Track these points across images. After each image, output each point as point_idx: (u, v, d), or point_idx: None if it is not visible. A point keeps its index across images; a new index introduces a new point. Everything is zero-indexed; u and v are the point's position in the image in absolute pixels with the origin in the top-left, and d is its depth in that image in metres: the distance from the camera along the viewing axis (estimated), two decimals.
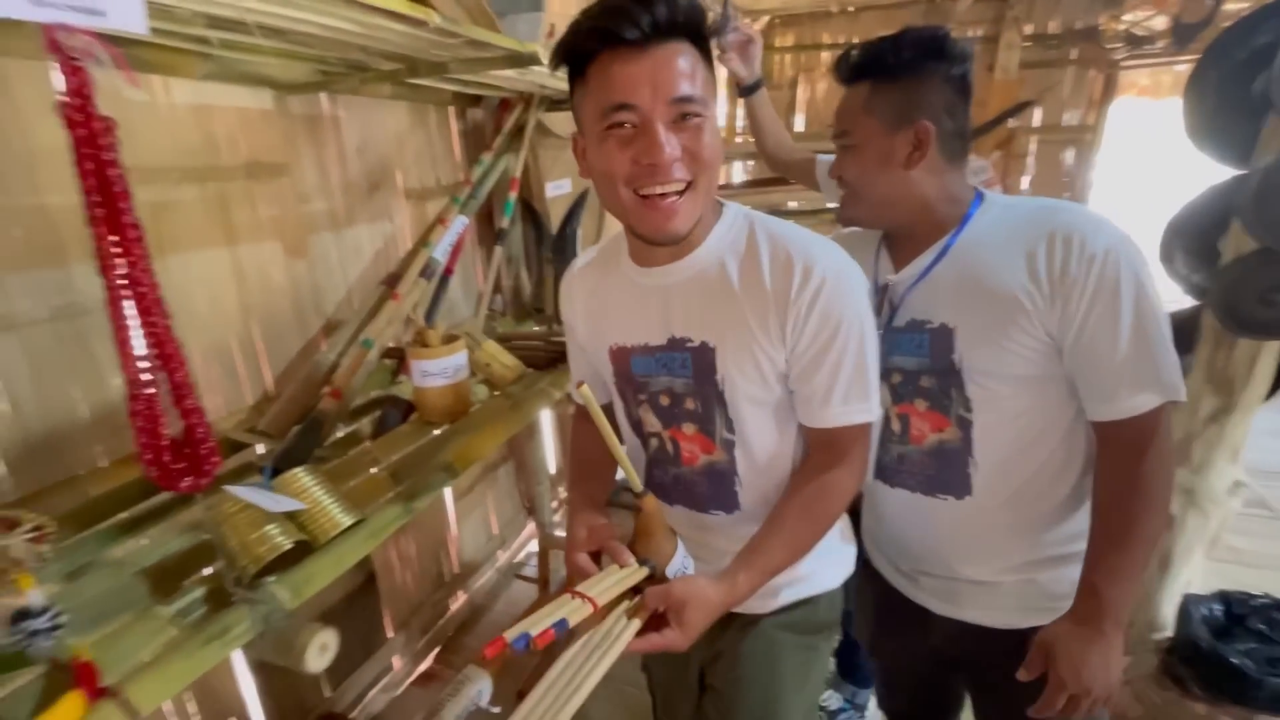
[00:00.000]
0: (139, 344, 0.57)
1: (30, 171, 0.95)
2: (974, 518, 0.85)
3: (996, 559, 0.86)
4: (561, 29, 0.66)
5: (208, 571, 0.75)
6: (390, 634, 1.79)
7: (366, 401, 1.23)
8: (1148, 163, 4.74)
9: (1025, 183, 3.78)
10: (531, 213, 1.88)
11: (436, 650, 1.95)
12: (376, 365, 1.23)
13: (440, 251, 1.24)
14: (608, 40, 0.62)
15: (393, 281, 1.28)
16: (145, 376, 0.57)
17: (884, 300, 0.87)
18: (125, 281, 0.57)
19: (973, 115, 0.86)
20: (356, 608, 1.66)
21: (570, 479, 0.88)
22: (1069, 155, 3.68)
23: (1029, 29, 3.57)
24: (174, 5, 0.67)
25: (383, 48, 1.03)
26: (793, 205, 3.10)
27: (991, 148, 3.54)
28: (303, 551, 0.73)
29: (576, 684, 0.56)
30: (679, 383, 0.77)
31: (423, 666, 1.90)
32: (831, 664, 1.79)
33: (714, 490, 0.81)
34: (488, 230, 1.91)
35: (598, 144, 0.66)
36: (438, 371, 1.10)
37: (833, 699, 1.68)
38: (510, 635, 0.53)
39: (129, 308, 0.58)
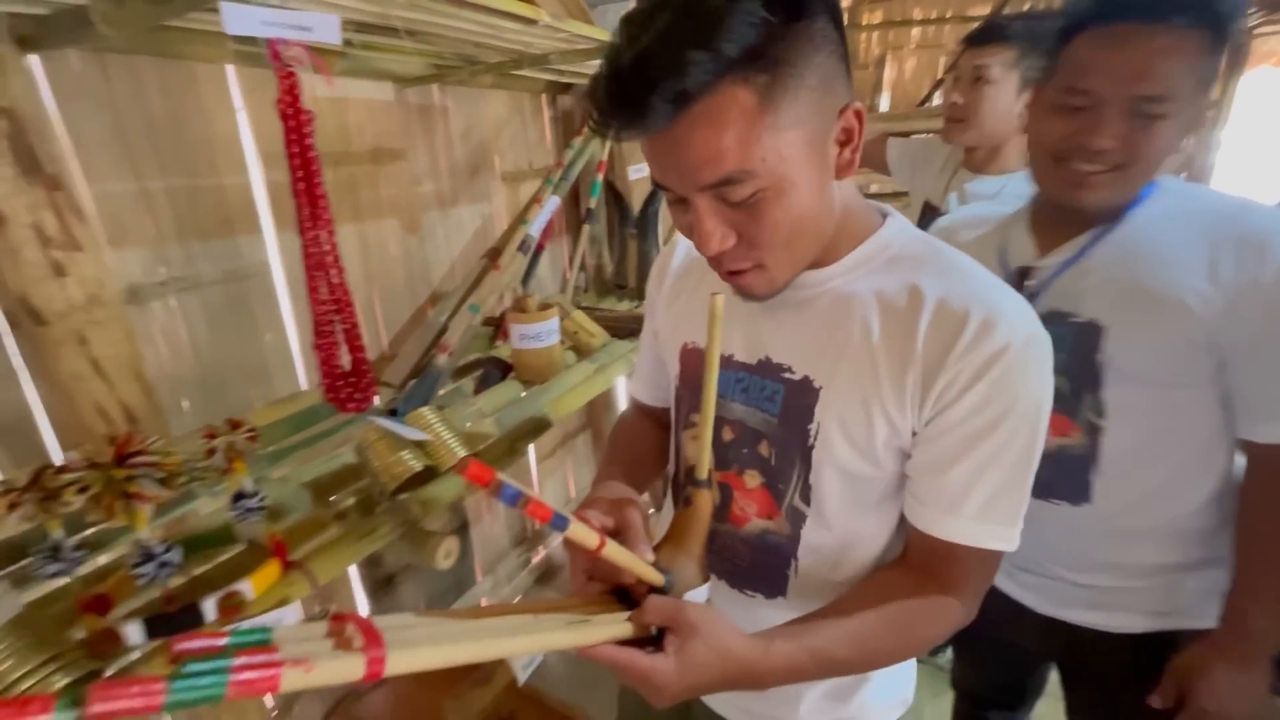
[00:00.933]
0: (324, 292, 0.71)
1: (210, 157, 1.14)
2: (1091, 525, 0.80)
3: (1114, 566, 0.81)
4: None
5: (355, 487, 0.90)
6: (479, 578, 1.98)
7: (469, 361, 1.37)
8: None
9: None
10: (615, 194, 1.99)
11: (518, 599, 2.13)
12: (478, 330, 1.38)
13: (535, 228, 1.37)
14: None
15: (494, 255, 1.42)
16: (327, 319, 0.72)
17: (1020, 286, 0.81)
18: (315, 242, 0.71)
19: None
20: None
21: (606, 460, 0.74)
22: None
23: None
24: (357, 18, 0.80)
25: (493, 43, 1.16)
26: (874, 188, 3.05)
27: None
28: (429, 475, 0.86)
29: (523, 633, 0.42)
30: (758, 417, 0.60)
31: None
32: None
33: (759, 566, 0.64)
34: (573, 211, 2.04)
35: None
36: (534, 335, 1.22)
37: None
38: (506, 480, 0.41)
39: (317, 263, 0.72)
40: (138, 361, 0.96)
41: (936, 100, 3.87)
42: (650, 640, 0.48)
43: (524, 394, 1.22)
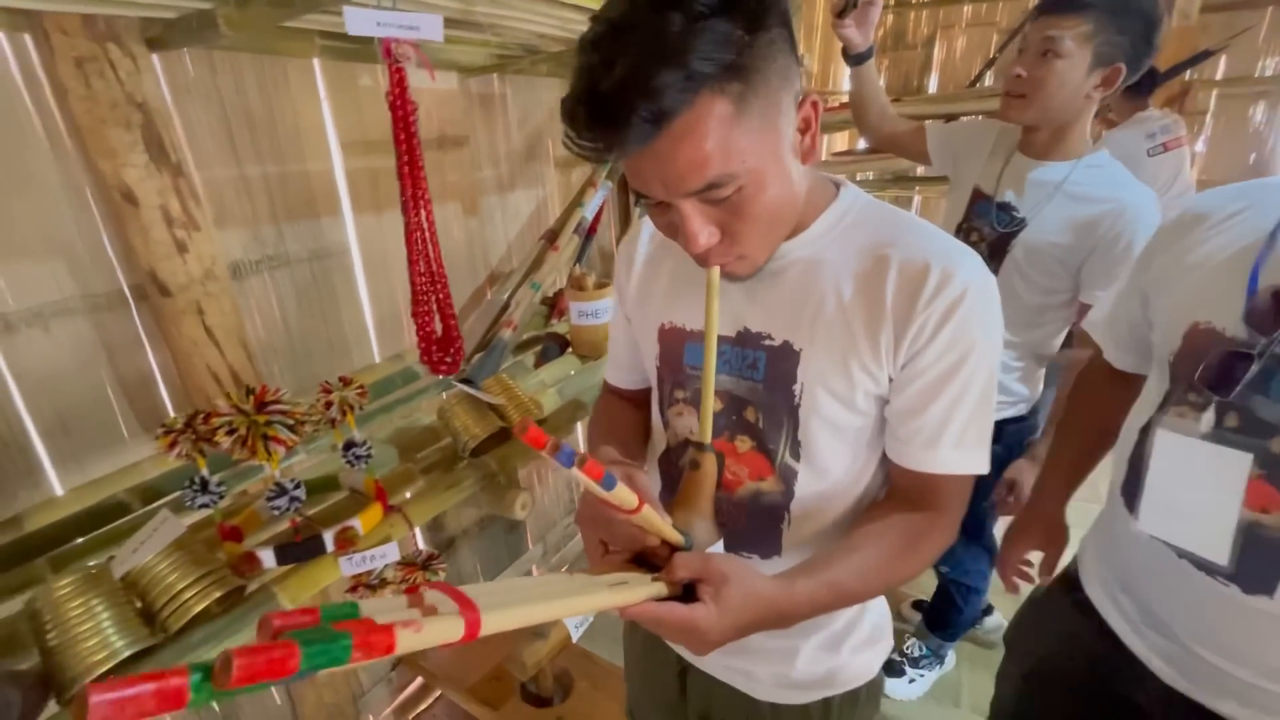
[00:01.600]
0: (422, 266, 0.79)
1: (298, 145, 1.24)
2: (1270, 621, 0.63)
3: None
4: None
5: (436, 446, 0.99)
6: (530, 546, 2.09)
7: (529, 337, 1.46)
8: None
9: (1200, 143, 3.37)
10: None
11: (565, 569, 2.23)
12: (537, 307, 1.46)
13: (590, 210, 1.43)
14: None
15: (551, 237, 1.49)
16: (425, 290, 0.80)
17: None
18: (416, 221, 0.79)
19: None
20: (505, 518, 1.96)
21: (594, 445, 0.74)
22: (1258, 111, 3.23)
23: None
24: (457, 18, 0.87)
25: (556, 33, 1.22)
26: (921, 170, 3.02)
27: (1161, 103, 3.21)
28: (504, 436, 0.94)
29: (579, 595, 0.45)
30: (743, 386, 0.63)
31: None
32: (916, 616, 1.85)
33: (754, 527, 0.67)
34: (620, 196, 2.10)
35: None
36: (591, 312, 1.30)
37: (915, 646, 1.73)
38: (564, 442, 0.43)
39: (419, 239, 0.81)
40: (242, 330, 1.07)
41: (988, 82, 3.78)
42: (679, 597, 0.50)
43: (582, 367, 1.30)
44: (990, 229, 1.23)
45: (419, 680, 1.68)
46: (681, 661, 0.80)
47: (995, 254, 1.21)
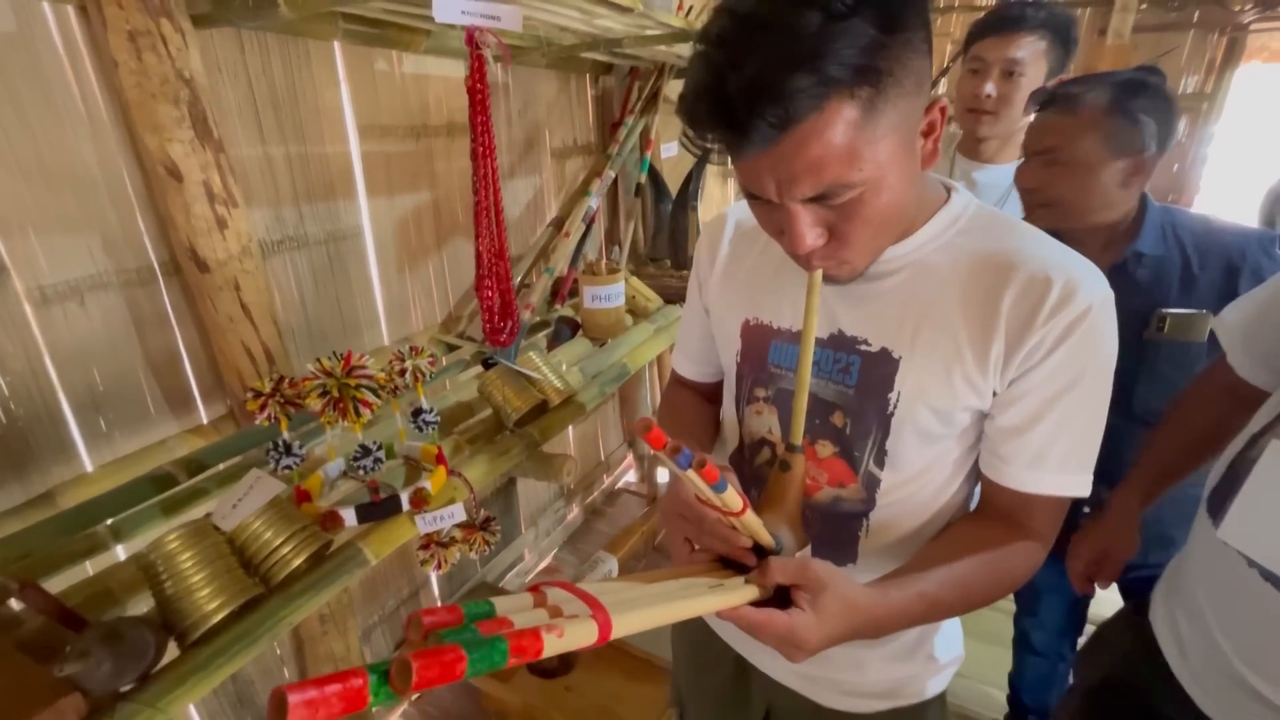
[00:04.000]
0: (488, 241, 0.83)
1: (319, 127, 1.25)
2: None
3: None
4: (695, 4, 0.61)
5: (478, 418, 1.04)
6: (523, 530, 2.13)
7: (539, 320, 1.50)
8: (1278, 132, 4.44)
9: None
10: (652, 171, 2.11)
11: (555, 550, 2.28)
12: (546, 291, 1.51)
13: (595, 200, 1.49)
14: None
15: (559, 224, 1.53)
16: (489, 264, 0.85)
17: None
18: (485, 199, 0.83)
19: None
20: (501, 500, 1.99)
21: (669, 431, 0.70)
22: (1181, 125, 3.54)
23: None
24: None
25: (575, 26, 1.27)
26: None
27: None
28: (543, 408, 0.99)
29: (671, 600, 0.44)
30: (832, 390, 0.61)
31: (545, 562, 2.23)
32: None
33: (831, 533, 0.65)
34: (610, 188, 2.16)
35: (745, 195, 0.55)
36: (604, 296, 1.36)
37: None
38: (684, 445, 0.43)
39: (485, 216, 0.85)
40: (274, 307, 1.08)
41: (941, 88, 3.99)
42: (771, 601, 0.49)
43: (597, 349, 1.35)
44: None
45: None
46: (740, 661, 0.78)
47: None
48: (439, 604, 1.84)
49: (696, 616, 0.46)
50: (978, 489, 0.65)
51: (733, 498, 0.48)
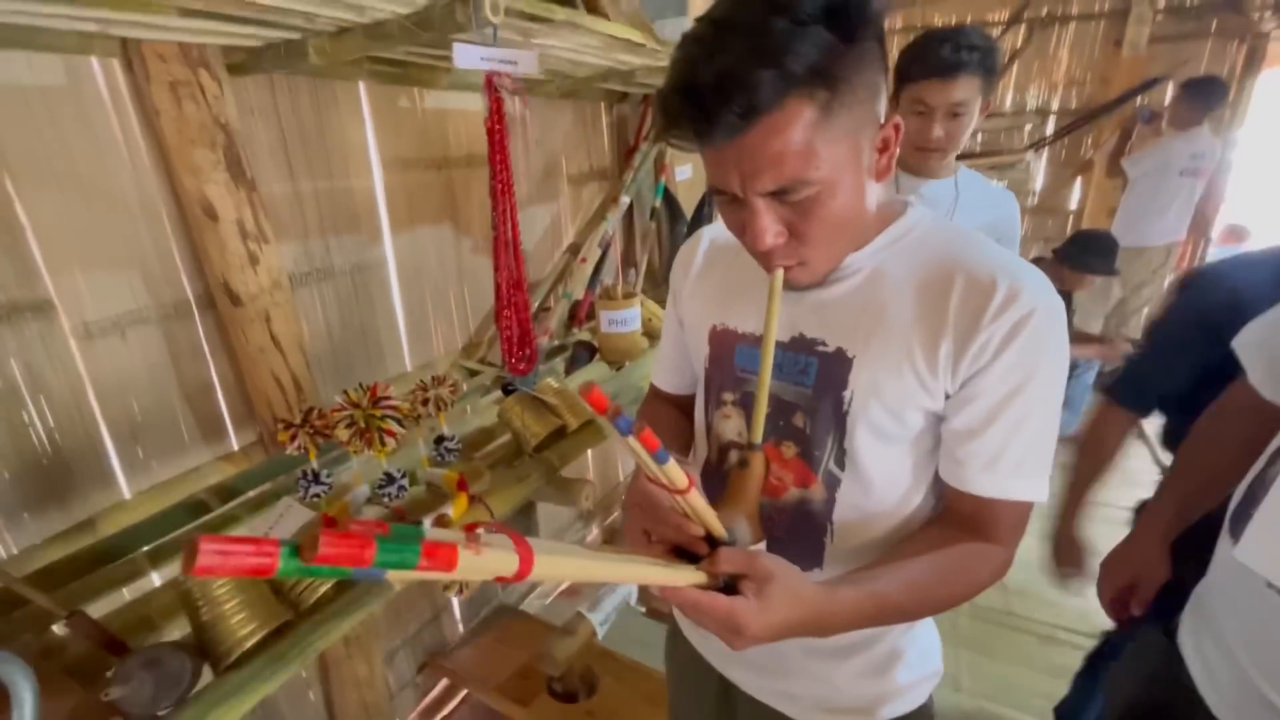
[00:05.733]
0: (507, 272, 0.86)
1: (345, 163, 1.30)
2: None
3: None
4: None
5: (498, 443, 1.06)
6: None
7: (557, 345, 1.53)
8: None
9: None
10: (667, 195, 2.14)
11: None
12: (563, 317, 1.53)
13: (612, 225, 1.52)
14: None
15: (575, 250, 1.57)
16: (508, 294, 0.87)
17: None
18: (504, 232, 0.87)
19: (1096, 93, 1.13)
20: (521, 521, 2.01)
21: None
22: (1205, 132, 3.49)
23: (1163, 1, 3.43)
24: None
25: (591, 60, 1.31)
26: None
27: (1115, 128, 3.45)
28: (561, 434, 1.01)
29: (606, 561, 0.45)
30: (792, 391, 0.64)
31: (565, 583, 2.24)
32: None
33: (796, 535, 0.66)
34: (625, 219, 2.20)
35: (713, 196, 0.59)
36: (620, 320, 1.38)
37: None
38: (623, 409, 0.43)
39: (504, 248, 0.88)
40: (302, 338, 1.12)
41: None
42: (720, 590, 0.49)
43: (614, 372, 1.37)
44: None
45: (444, 682, 1.71)
46: (723, 681, 0.79)
47: None
48: (460, 628, 1.85)
49: (634, 585, 0.49)
50: None
51: (676, 473, 0.48)
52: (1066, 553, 1.14)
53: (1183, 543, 0.90)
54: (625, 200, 1.61)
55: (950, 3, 4.03)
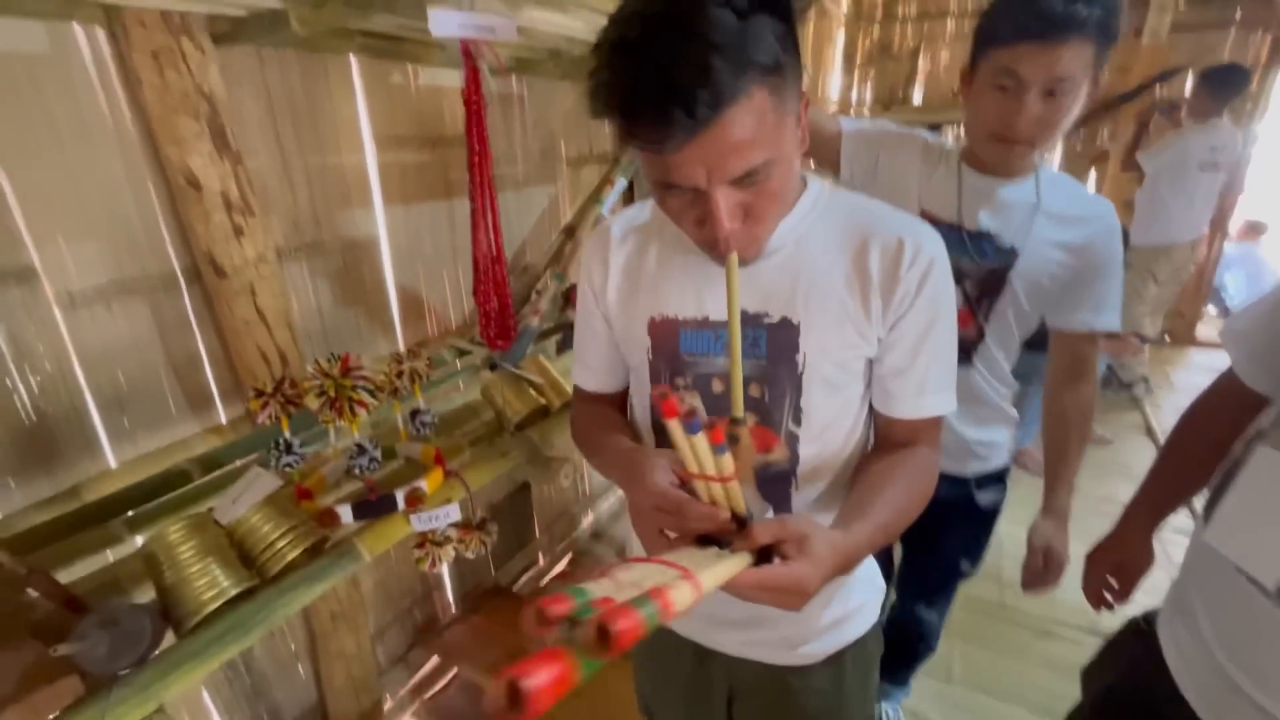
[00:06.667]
0: (484, 246, 0.85)
1: (336, 138, 1.30)
2: None
3: None
4: None
5: (480, 421, 1.05)
6: (538, 534, 2.15)
7: (549, 327, 1.52)
8: None
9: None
10: None
11: (570, 555, 2.29)
12: (557, 298, 1.52)
13: (606, 207, 1.50)
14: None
15: (570, 231, 1.55)
16: (486, 270, 0.87)
17: None
18: (481, 206, 0.86)
19: (1114, 83, 1.00)
20: (516, 505, 2.01)
21: (603, 443, 0.73)
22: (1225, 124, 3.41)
23: None
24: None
25: (581, 38, 1.29)
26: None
27: (1133, 116, 3.38)
28: (544, 412, 1.01)
29: (705, 568, 0.47)
30: (747, 364, 0.67)
31: (559, 567, 2.25)
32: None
33: (766, 492, 0.71)
34: (628, 196, 2.18)
35: (657, 192, 0.60)
36: None
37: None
38: (698, 410, 0.48)
39: (481, 223, 0.87)
40: (289, 313, 1.12)
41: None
42: (756, 564, 0.52)
43: None
44: (972, 263, 1.02)
45: (435, 659, 1.73)
46: (698, 651, 0.82)
47: (987, 291, 1.02)
48: (452, 604, 1.86)
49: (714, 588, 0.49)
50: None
51: (727, 462, 0.51)
52: (1134, 558, 0.92)
53: None
54: (622, 182, 1.59)
55: None
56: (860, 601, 0.78)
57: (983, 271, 1.01)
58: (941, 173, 1.05)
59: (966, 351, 1.04)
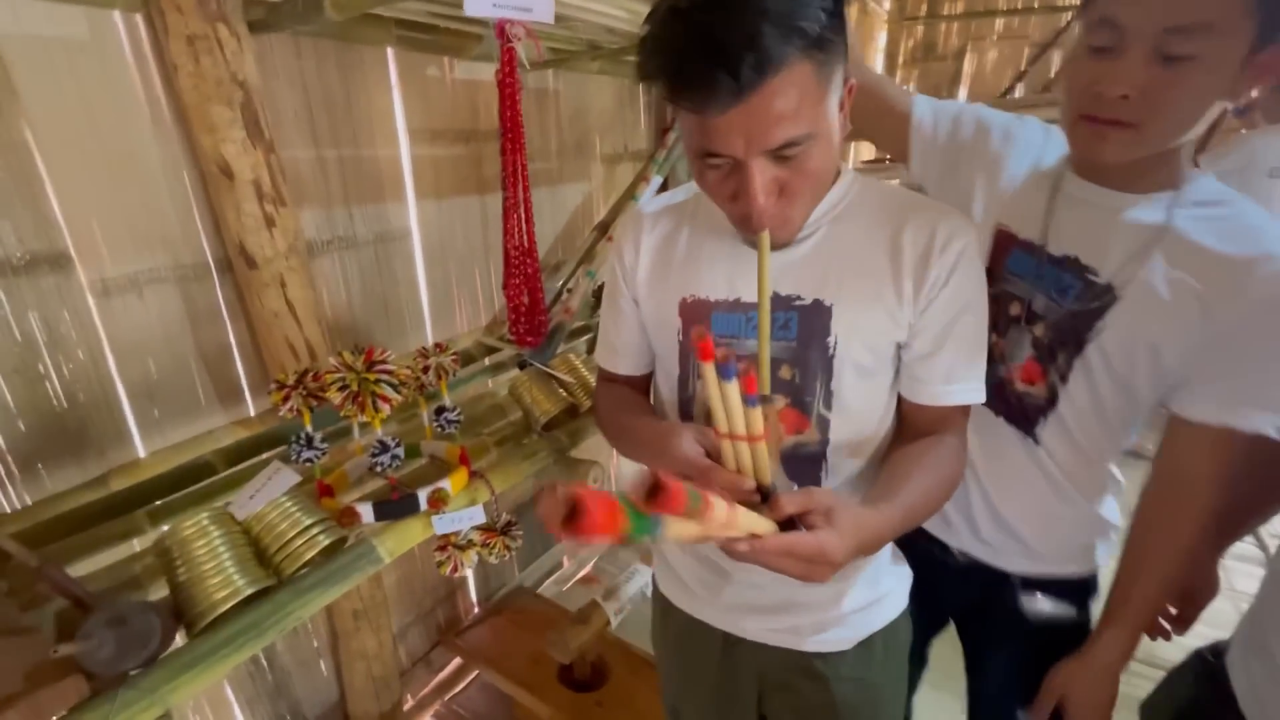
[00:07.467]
0: (517, 238, 0.82)
1: (370, 130, 1.28)
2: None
3: None
4: None
5: (507, 420, 1.02)
6: None
7: (580, 325, 1.48)
8: None
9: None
10: None
11: (595, 559, 2.25)
12: (588, 297, 1.49)
13: (643, 203, 1.46)
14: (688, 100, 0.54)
15: (603, 228, 1.52)
16: (518, 263, 0.83)
17: None
18: (514, 195, 0.82)
19: None
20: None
21: (629, 424, 0.73)
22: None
23: None
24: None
25: (626, 28, 1.25)
26: None
27: None
28: (573, 413, 0.97)
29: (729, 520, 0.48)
30: (777, 346, 0.67)
31: (584, 571, 2.21)
32: None
33: (797, 474, 0.71)
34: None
35: (697, 165, 0.60)
36: None
37: None
38: (733, 354, 0.49)
39: (513, 213, 0.83)
40: (319, 305, 1.10)
41: (1018, 94, 3.78)
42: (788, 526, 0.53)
43: None
44: (1049, 301, 0.77)
45: (457, 660, 1.70)
46: (727, 640, 0.81)
47: (1063, 342, 0.76)
48: (475, 605, 1.84)
49: (737, 537, 0.51)
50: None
51: (756, 417, 0.52)
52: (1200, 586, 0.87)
53: None
54: (657, 179, 1.55)
55: None
56: (888, 588, 0.78)
57: (1061, 313, 0.75)
58: (1033, 178, 0.79)
59: (1029, 418, 0.80)
